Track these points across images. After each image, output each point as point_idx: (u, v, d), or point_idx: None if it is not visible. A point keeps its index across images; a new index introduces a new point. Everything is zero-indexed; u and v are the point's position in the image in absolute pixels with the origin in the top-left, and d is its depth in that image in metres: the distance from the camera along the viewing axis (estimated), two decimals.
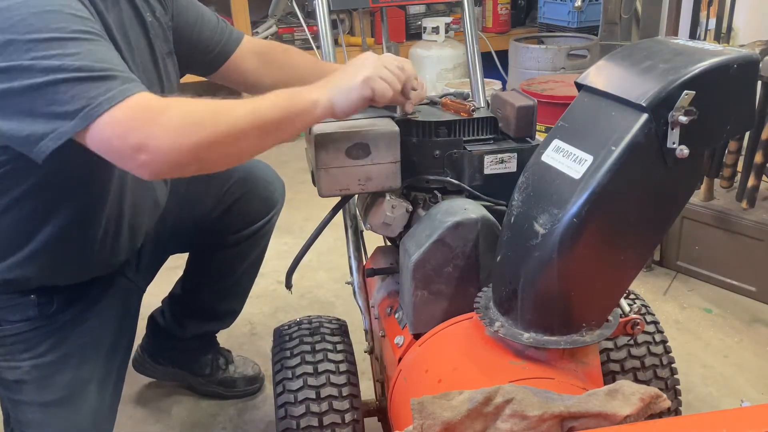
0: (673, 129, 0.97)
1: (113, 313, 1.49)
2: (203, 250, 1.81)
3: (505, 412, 0.92)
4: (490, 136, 1.40)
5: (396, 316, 1.39)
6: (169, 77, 1.46)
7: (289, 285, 1.55)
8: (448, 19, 4.04)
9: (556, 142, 1.09)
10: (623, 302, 1.23)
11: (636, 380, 1.42)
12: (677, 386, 1.48)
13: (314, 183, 1.35)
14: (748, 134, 2.27)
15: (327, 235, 1.47)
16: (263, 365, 2.06)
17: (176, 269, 1.90)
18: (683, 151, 0.98)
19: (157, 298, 1.95)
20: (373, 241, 1.62)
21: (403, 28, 4.36)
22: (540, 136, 1.29)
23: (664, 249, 2.58)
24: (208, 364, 1.99)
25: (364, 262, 1.55)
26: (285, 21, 4.17)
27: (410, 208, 1.40)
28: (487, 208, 1.30)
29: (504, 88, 3.61)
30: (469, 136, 1.39)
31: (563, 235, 1.01)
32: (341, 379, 1.35)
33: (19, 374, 1.37)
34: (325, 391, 1.32)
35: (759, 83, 2.15)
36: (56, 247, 1.32)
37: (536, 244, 1.04)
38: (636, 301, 1.49)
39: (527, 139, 1.39)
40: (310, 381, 1.33)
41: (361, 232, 1.54)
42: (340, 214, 1.47)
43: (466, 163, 1.36)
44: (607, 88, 1.06)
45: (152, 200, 1.50)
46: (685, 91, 0.95)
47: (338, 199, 1.43)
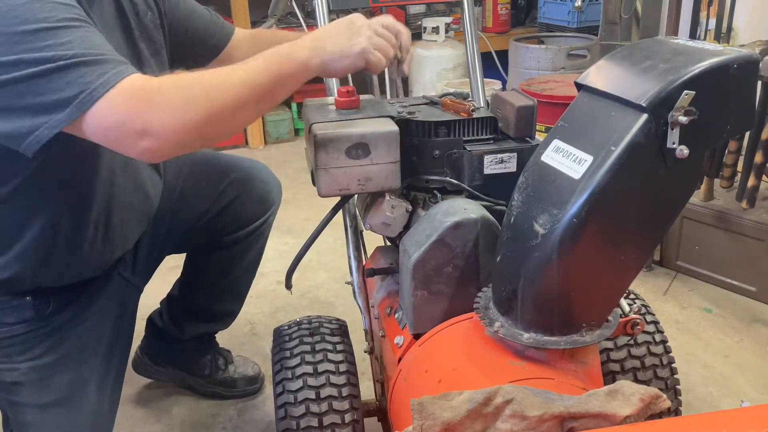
0: (673, 129, 0.97)
1: (110, 313, 1.49)
2: (200, 251, 1.81)
3: (505, 413, 0.92)
4: (490, 136, 1.40)
5: (396, 316, 1.39)
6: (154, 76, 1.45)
7: (289, 285, 1.55)
8: (448, 19, 4.04)
9: (556, 142, 1.08)
10: (623, 302, 1.23)
11: (636, 380, 1.42)
12: (677, 386, 1.48)
13: (314, 183, 1.35)
14: (748, 134, 2.27)
15: (327, 235, 1.47)
16: (263, 365, 2.06)
17: (175, 270, 1.90)
18: (683, 151, 0.98)
19: (155, 299, 1.94)
20: (373, 241, 1.62)
21: None
22: (540, 136, 1.29)
23: (664, 249, 2.58)
24: (207, 365, 1.99)
25: (364, 262, 1.55)
26: (285, 21, 4.16)
27: (410, 208, 1.40)
28: (487, 208, 1.30)
29: (504, 88, 3.61)
30: (468, 136, 1.39)
31: (563, 236, 1.01)
32: (341, 380, 1.35)
33: (16, 376, 1.37)
34: (325, 392, 1.32)
35: (759, 83, 2.15)
36: (45, 246, 1.31)
37: (536, 244, 1.04)
38: (636, 301, 1.49)
39: (527, 139, 1.38)
40: (310, 381, 1.33)
41: (361, 232, 1.54)
42: (340, 214, 1.47)
43: (466, 163, 1.36)
44: (607, 88, 1.06)
45: (143, 197, 1.49)
46: (685, 91, 0.95)
47: (338, 199, 1.43)
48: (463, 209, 1.27)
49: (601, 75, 1.10)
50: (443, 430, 0.91)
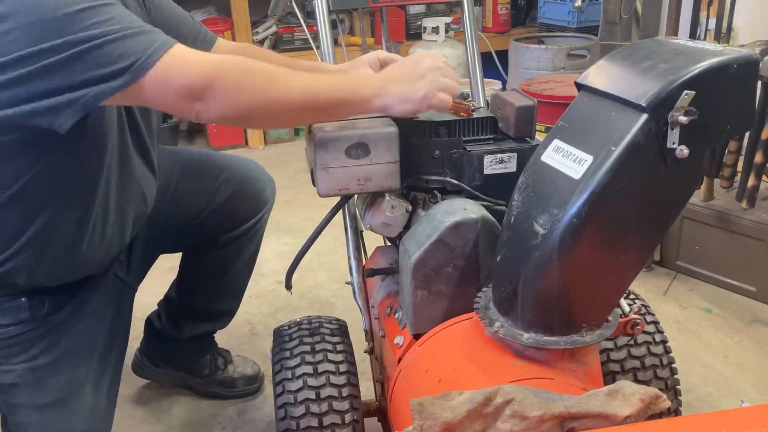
0: (673, 129, 0.97)
1: (106, 313, 1.49)
2: (196, 251, 1.81)
3: (505, 413, 0.92)
4: (490, 136, 1.40)
5: (396, 316, 1.39)
6: None
7: (288, 286, 1.55)
8: (448, 19, 4.04)
9: (556, 142, 1.08)
10: (623, 302, 1.23)
11: (636, 380, 1.42)
12: (677, 386, 1.48)
13: (314, 183, 1.35)
14: (748, 134, 2.27)
15: (327, 235, 1.47)
16: (263, 365, 2.06)
17: (172, 270, 1.90)
18: (683, 151, 0.98)
19: (154, 299, 1.94)
20: (373, 241, 1.62)
21: (403, 28, 4.36)
22: (540, 136, 1.29)
23: (664, 249, 2.58)
24: (206, 365, 1.99)
25: (364, 262, 1.55)
26: (285, 21, 4.17)
27: (410, 208, 1.40)
28: (487, 208, 1.30)
29: (504, 88, 3.61)
30: (469, 136, 1.39)
31: (563, 236, 1.01)
32: (341, 380, 1.35)
33: (13, 377, 1.37)
34: (325, 392, 1.32)
35: (759, 83, 2.15)
36: (43, 244, 1.31)
37: (536, 244, 1.04)
38: (636, 301, 1.49)
39: (527, 139, 1.38)
40: (310, 381, 1.33)
41: (361, 232, 1.54)
42: (340, 214, 1.47)
43: (466, 163, 1.36)
44: (607, 88, 1.06)
45: (139, 194, 1.49)
46: (685, 91, 0.95)
47: (338, 199, 1.43)
48: (463, 209, 1.27)
49: (601, 75, 1.10)
50: (443, 430, 0.91)
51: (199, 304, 1.89)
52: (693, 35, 2.64)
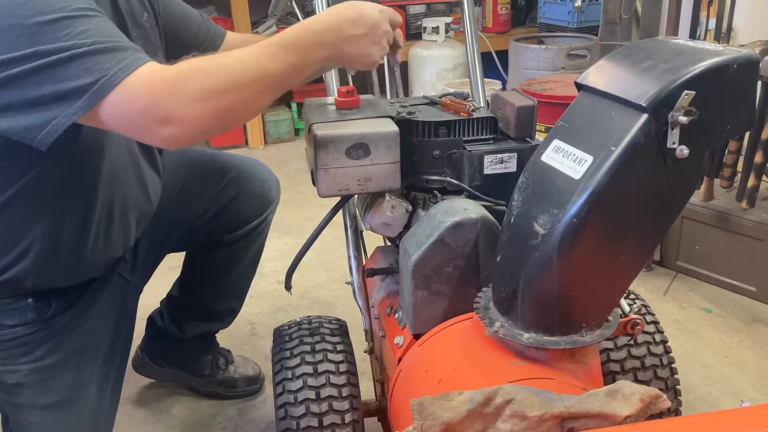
0: (673, 129, 0.97)
1: (111, 314, 1.49)
2: (200, 250, 1.81)
3: (505, 413, 0.92)
4: (490, 136, 1.40)
5: (396, 316, 1.39)
6: None
7: (288, 286, 1.55)
8: (448, 19, 4.03)
9: (556, 142, 1.08)
10: (623, 302, 1.23)
11: (636, 380, 1.42)
12: (677, 386, 1.48)
13: (314, 183, 1.35)
14: (748, 134, 2.27)
15: (327, 235, 1.47)
16: (263, 365, 2.06)
17: (175, 269, 1.90)
18: (683, 151, 0.98)
19: (156, 298, 1.95)
20: (373, 241, 1.62)
21: (403, 28, 4.33)
22: (540, 136, 1.29)
23: (664, 249, 2.58)
24: (208, 365, 1.99)
25: (364, 262, 1.55)
26: (285, 21, 4.16)
27: (410, 208, 1.40)
28: (487, 208, 1.30)
29: (504, 88, 3.61)
30: (469, 136, 1.39)
31: (563, 236, 1.01)
32: (341, 380, 1.35)
33: (18, 378, 1.37)
34: (325, 392, 1.32)
35: (759, 83, 2.15)
36: (48, 246, 1.31)
37: (536, 244, 1.04)
38: (636, 301, 1.49)
39: (527, 139, 1.38)
40: (310, 381, 1.33)
41: (361, 232, 1.54)
42: (340, 214, 1.47)
43: (466, 163, 1.36)
44: (607, 88, 1.06)
45: (143, 196, 1.49)
46: (685, 91, 0.95)
47: (338, 199, 1.43)
48: (463, 209, 1.27)
49: (601, 75, 1.10)
50: (443, 430, 0.91)
51: (202, 304, 1.89)
52: (693, 35, 2.64)
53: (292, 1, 2.08)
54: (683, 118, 0.95)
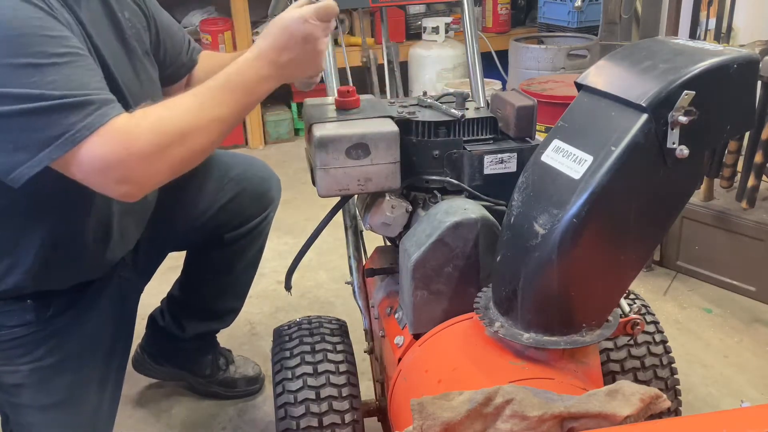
0: (673, 129, 0.97)
1: (111, 314, 1.49)
2: (200, 249, 1.80)
3: (505, 413, 0.92)
4: (490, 136, 1.40)
5: (396, 316, 1.39)
6: (149, 76, 1.45)
7: (288, 286, 1.55)
8: (448, 19, 4.03)
9: (556, 142, 1.08)
10: (623, 302, 1.23)
11: (636, 380, 1.42)
12: (677, 386, 1.48)
13: (314, 183, 1.35)
14: (748, 134, 2.27)
15: (327, 235, 1.47)
16: (263, 365, 2.06)
17: (175, 269, 1.90)
18: (683, 151, 0.98)
19: (156, 298, 1.95)
20: (373, 241, 1.62)
21: (403, 28, 4.35)
22: (540, 136, 1.29)
23: (664, 249, 2.58)
24: (208, 365, 1.99)
25: (364, 262, 1.55)
26: None
27: (410, 208, 1.40)
28: (487, 208, 1.30)
29: (504, 88, 3.61)
30: (469, 136, 1.39)
31: (563, 236, 1.01)
32: (341, 380, 1.35)
33: (18, 378, 1.37)
34: (325, 392, 1.32)
35: (759, 83, 2.15)
36: (45, 252, 1.31)
37: (536, 244, 1.04)
38: (636, 301, 1.49)
39: (527, 139, 1.38)
40: (310, 381, 1.33)
41: (361, 232, 1.54)
42: (340, 214, 1.47)
43: (466, 163, 1.36)
44: (607, 88, 1.06)
45: (141, 200, 1.49)
46: (685, 91, 0.95)
47: (338, 199, 1.43)
48: (463, 209, 1.27)
49: (601, 75, 1.10)
50: (443, 430, 0.91)
51: (202, 303, 1.89)
52: (693, 35, 2.64)
53: (291, 2, 2.08)
54: (683, 118, 0.95)
